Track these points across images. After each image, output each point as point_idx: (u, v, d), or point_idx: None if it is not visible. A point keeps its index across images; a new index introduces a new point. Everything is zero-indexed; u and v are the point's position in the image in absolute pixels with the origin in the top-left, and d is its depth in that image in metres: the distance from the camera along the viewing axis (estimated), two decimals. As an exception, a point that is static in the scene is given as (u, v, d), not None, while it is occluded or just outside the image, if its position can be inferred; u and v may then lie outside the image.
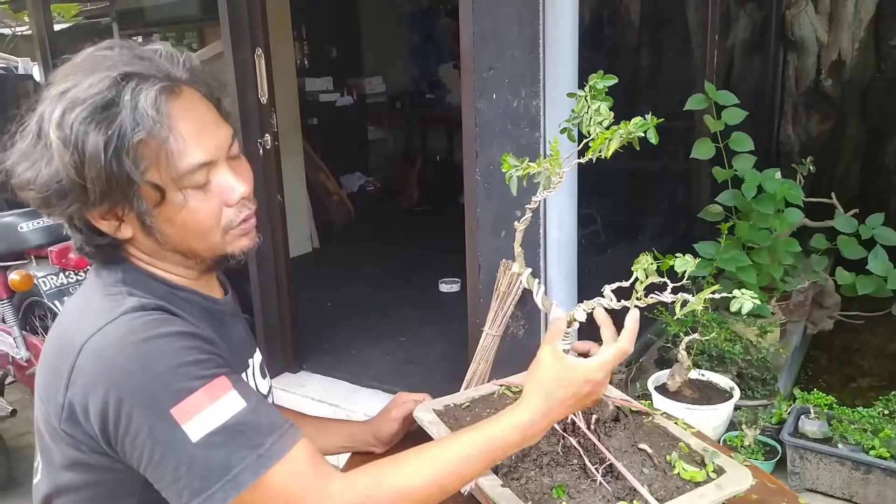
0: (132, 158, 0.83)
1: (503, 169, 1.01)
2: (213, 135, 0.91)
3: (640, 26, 2.85)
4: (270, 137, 2.86)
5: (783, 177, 2.66)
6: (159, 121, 0.83)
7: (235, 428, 0.81)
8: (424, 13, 6.65)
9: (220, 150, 0.91)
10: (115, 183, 0.84)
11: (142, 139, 0.83)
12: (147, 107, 0.83)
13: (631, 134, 0.94)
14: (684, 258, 0.99)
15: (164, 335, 0.84)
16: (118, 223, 0.90)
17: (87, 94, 0.82)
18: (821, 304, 3.08)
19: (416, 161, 6.33)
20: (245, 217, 0.95)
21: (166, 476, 0.81)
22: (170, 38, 5.73)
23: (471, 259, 2.24)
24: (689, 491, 0.95)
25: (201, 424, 0.80)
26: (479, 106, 2.08)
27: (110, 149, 0.82)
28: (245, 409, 0.83)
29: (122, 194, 0.85)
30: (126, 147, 0.82)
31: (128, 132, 0.82)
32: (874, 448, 1.84)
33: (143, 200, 0.87)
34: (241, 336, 1.09)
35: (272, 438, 0.82)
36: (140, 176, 0.84)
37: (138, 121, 0.82)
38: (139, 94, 0.83)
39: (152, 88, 0.84)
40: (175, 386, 0.81)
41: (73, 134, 0.81)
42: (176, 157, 0.86)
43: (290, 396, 2.92)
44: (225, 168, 0.92)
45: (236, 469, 0.79)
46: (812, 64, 4.49)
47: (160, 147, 0.84)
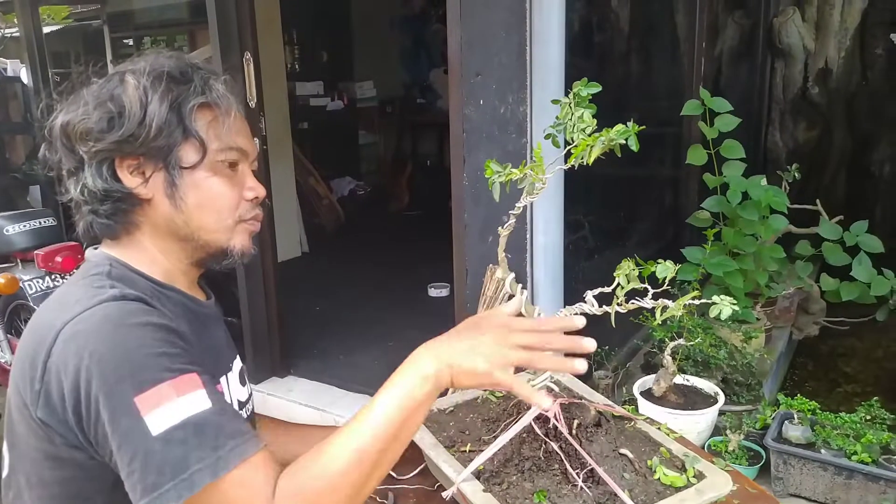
0: (191, 115, 0.94)
1: (486, 175, 1.02)
2: (250, 144, 1.03)
3: (628, 33, 2.86)
4: (259, 141, 2.86)
5: (770, 183, 2.68)
6: (226, 95, 0.97)
7: (198, 426, 0.79)
8: (416, 18, 6.67)
9: (252, 152, 1.04)
10: (168, 129, 0.92)
11: (206, 102, 0.95)
12: (214, 84, 0.97)
13: (612, 141, 0.95)
14: (665, 264, 1.00)
15: (140, 324, 0.84)
16: (143, 181, 0.95)
17: (164, 61, 0.96)
18: (806, 310, 3.10)
19: (406, 166, 6.34)
20: (255, 216, 1.04)
21: (123, 467, 0.79)
22: (160, 41, 5.72)
23: (458, 264, 2.25)
24: (669, 496, 0.96)
25: (163, 417, 0.78)
26: (467, 111, 2.09)
27: (177, 100, 0.93)
28: (210, 409, 0.81)
29: (166, 144, 0.93)
30: (189, 105, 0.94)
31: (196, 94, 0.94)
32: (856, 453, 1.85)
33: (181, 158, 0.94)
34: (222, 341, 1.09)
35: (234, 442, 0.80)
36: (193, 127, 0.94)
37: (205, 91, 0.95)
38: (209, 77, 0.97)
39: (220, 78, 0.99)
40: (142, 375, 0.80)
41: (149, 80, 0.93)
42: (226, 130, 0.97)
43: (277, 401, 2.92)
44: (248, 170, 1.03)
45: (193, 468, 0.77)
46: (799, 72, 4.53)
47: (215, 117, 0.96)
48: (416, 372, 0.87)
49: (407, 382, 0.87)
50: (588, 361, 0.88)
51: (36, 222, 3.20)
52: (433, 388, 0.86)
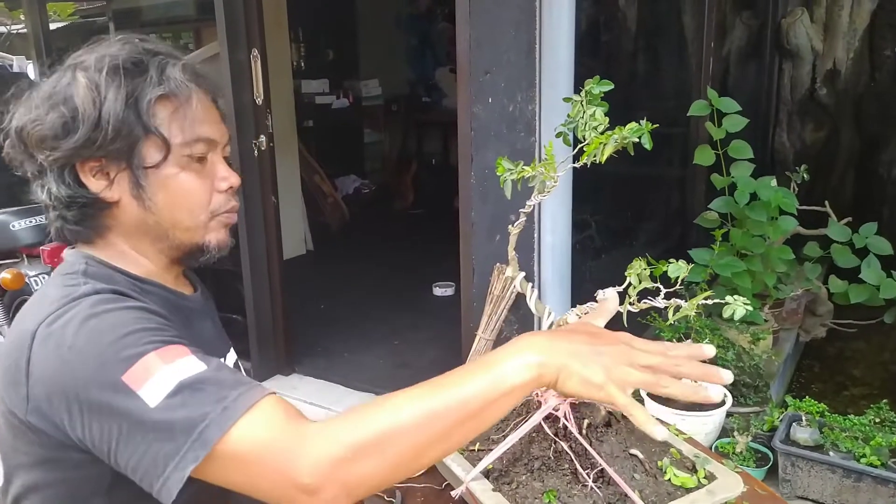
0: (149, 111, 0.88)
1: (498, 172, 1.01)
2: (219, 124, 0.97)
3: (636, 33, 2.85)
4: (265, 139, 2.86)
5: (777, 185, 2.67)
6: (184, 83, 0.90)
7: (194, 386, 0.76)
8: (422, 16, 6.66)
9: (222, 138, 0.97)
10: (126, 130, 0.87)
11: (164, 94, 0.88)
12: (174, 71, 0.90)
13: (625, 139, 0.94)
14: (677, 264, 0.99)
15: (113, 309, 0.82)
16: (108, 183, 0.91)
17: (117, 52, 0.89)
18: (813, 312, 3.09)
19: (411, 164, 6.33)
20: (231, 208, 0.98)
21: (137, 451, 0.76)
22: (166, 38, 5.72)
23: (465, 263, 2.24)
24: (679, 497, 0.95)
25: (157, 387, 0.75)
26: (475, 110, 2.08)
27: (133, 96, 0.87)
28: (205, 370, 0.78)
29: (127, 144, 0.88)
30: (148, 98, 0.88)
31: (151, 87, 0.88)
32: (865, 456, 1.84)
33: (144, 158, 0.89)
34: (209, 334, 1.06)
35: (237, 391, 0.77)
36: (153, 125, 0.88)
37: (163, 81, 0.89)
38: (167, 64, 0.91)
39: (178, 62, 0.92)
40: (124, 353, 0.77)
41: (100, 76, 0.87)
42: (189, 122, 0.91)
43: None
44: (220, 158, 0.97)
45: (201, 426, 0.74)
46: (807, 73, 4.50)
47: (176, 109, 0.90)
48: (519, 356, 0.77)
49: (506, 364, 0.76)
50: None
51: (41, 218, 3.21)
52: (532, 380, 0.76)
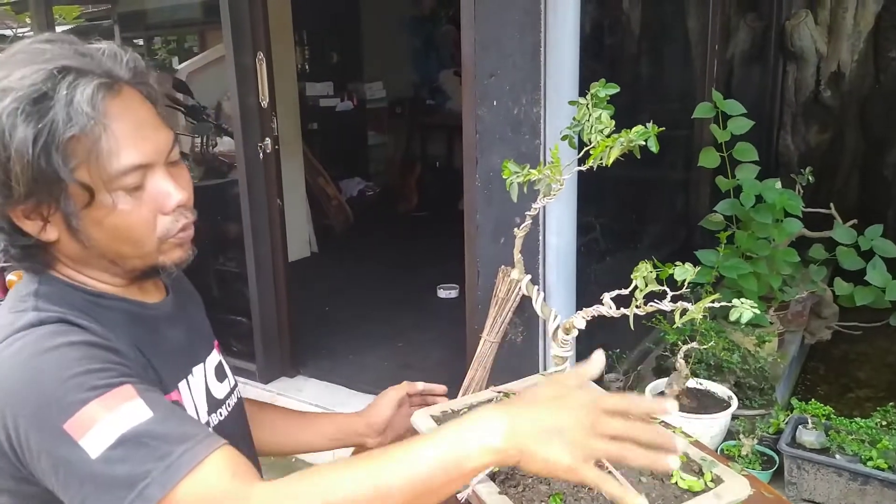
0: (62, 155, 0.78)
1: (504, 175, 1.01)
2: (152, 137, 0.86)
3: (640, 35, 2.85)
4: (271, 141, 2.87)
5: (782, 187, 2.67)
6: (94, 117, 0.79)
7: (137, 439, 0.73)
8: (426, 19, 6.67)
9: (159, 154, 0.87)
10: (42, 179, 0.79)
11: (74, 135, 0.78)
12: (82, 102, 0.78)
13: (632, 142, 0.95)
14: (684, 266, 0.99)
15: (56, 347, 0.78)
16: (43, 223, 0.84)
17: (18, 84, 0.78)
18: (819, 315, 3.08)
19: (415, 167, 6.34)
20: (182, 227, 0.91)
21: (74, 499, 0.74)
22: (171, 41, 5.73)
23: (470, 265, 2.24)
24: (686, 500, 0.95)
25: (99, 438, 0.72)
26: (480, 112, 2.09)
27: (39, 143, 0.77)
28: (151, 418, 0.75)
29: (48, 192, 0.80)
30: (56, 142, 0.78)
31: (59, 127, 0.77)
32: (872, 459, 1.83)
33: (71, 200, 0.82)
34: (179, 342, 1.00)
35: (182, 447, 0.74)
36: (69, 174, 0.79)
37: (72, 116, 0.78)
38: (75, 89, 0.79)
39: (90, 84, 0.79)
40: (66, 399, 0.74)
41: (0, 124, 0.77)
42: (108, 157, 0.81)
43: (286, 401, 2.92)
44: (162, 173, 0.88)
45: (142, 484, 0.71)
46: (811, 75, 4.50)
47: (92, 145, 0.80)
48: (479, 438, 0.72)
49: (465, 445, 0.72)
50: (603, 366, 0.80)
51: None
52: (491, 462, 0.73)
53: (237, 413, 1.10)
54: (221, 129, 3.80)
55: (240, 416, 1.12)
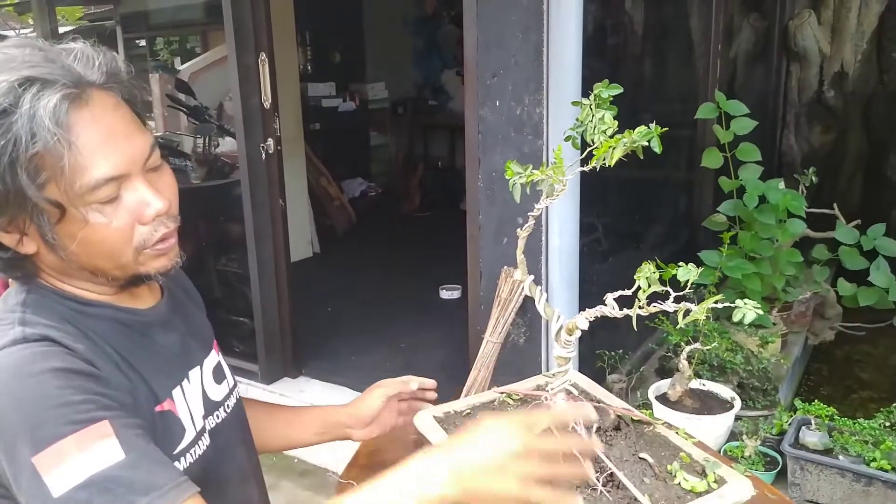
0: (28, 171, 0.76)
1: (507, 176, 1.01)
2: (125, 146, 0.82)
3: (643, 35, 2.85)
4: (273, 142, 2.87)
5: (785, 187, 2.66)
6: (57, 133, 0.75)
7: (103, 484, 0.71)
8: (428, 20, 6.67)
9: (133, 163, 0.83)
10: (11, 196, 0.77)
11: (38, 152, 0.75)
12: (45, 117, 0.75)
13: (635, 143, 0.94)
14: (687, 267, 0.99)
15: (38, 373, 0.76)
16: (20, 236, 0.82)
17: None
18: (822, 315, 3.08)
19: (417, 167, 6.34)
20: (163, 236, 0.87)
21: None
22: (173, 42, 5.74)
23: (472, 266, 2.24)
24: (690, 501, 0.95)
25: (65, 477, 0.70)
26: (483, 113, 2.08)
27: (3, 160, 0.75)
28: (121, 462, 0.73)
29: (19, 208, 0.78)
30: (20, 160, 0.75)
31: (23, 144, 0.75)
32: (875, 460, 1.83)
33: (44, 215, 0.79)
34: (174, 347, 0.98)
35: (146, 499, 0.72)
36: (36, 191, 0.77)
37: (35, 132, 0.75)
38: (38, 102, 0.75)
39: (54, 96, 0.76)
40: (41, 432, 0.72)
41: None
42: (76, 171, 0.77)
43: (288, 402, 2.92)
44: (140, 181, 0.84)
45: None
46: (814, 75, 4.49)
47: (57, 162, 0.76)
48: (419, 489, 0.73)
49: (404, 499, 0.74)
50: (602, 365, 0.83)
51: None
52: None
53: (236, 414, 1.09)
54: (223, 129, 3.79)
55: (239, 417, 1.11)
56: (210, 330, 1.12)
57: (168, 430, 0.90)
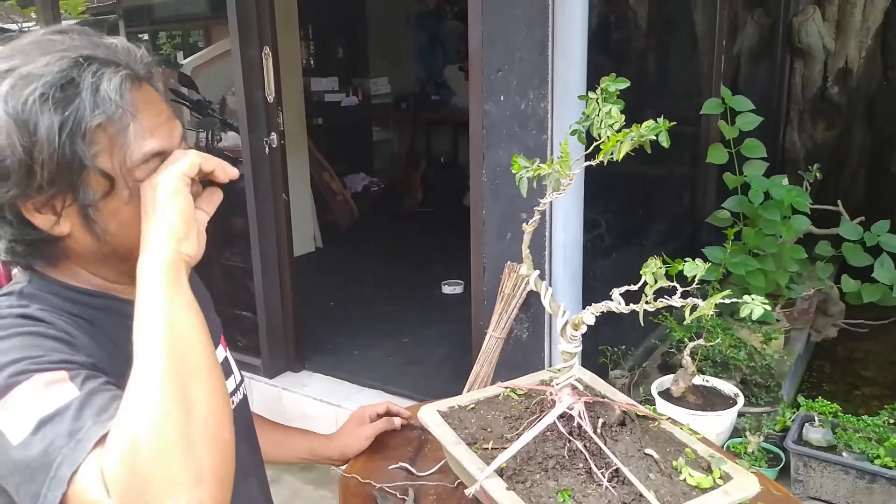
0: (86, 142, 0.78)
1: (514, 170, 1.00)
2: (170, 126, 0.86)
3: (647, 31, 2.84)
4: (277, 136, 2.86)
5: (789, 184, 2.66)
6: (122, 106, 0.79)
7: (55, 418, 0.70)
8: (431, 14, 6.65)
9: (175, 143, 0.86)
10: (66, 168, 0.77)
11: (101, 123, 0.78)
12: (110, 91, 0.78)
13: (643, 137, 0.94)
14: (694, 263, 0.99)
15: (3, 337, 0.76)
16: (56, 217, 0.81)
17: (42, 70, 0.76)
18: (825, 312, 3.07)
19: (420, 162, 6.33)
20: None
21: (9, 486, 0.72)
22: (176, 36, 5.74)
23: (476, 261, 2.24)
24: (695, 497, 0.94)
25: (21, 423, 0.70)
26: (487, 108, 2.08)
27: (66, 130, 0.76)
28: (74, 397, 0.71)
29: (68, 182, 0.79)
30: (83, 130, 0.77)
31: (86, 114, 0.77)
32: (879, 457, 1.83)
33: (90, 190, 0.80)
34: None
35: (92, 421, 0.70)
36: (92, 161, 0.78)
37: (99, 104, 0.78)
38: (101, 78, 0.78)
39: (116, 74, 0.80)
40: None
41: (25, 111, 0.75)
42: (132, 144, 0.81)
43: (291, 395, 2.92)
44: None
45: (56, 462, 0.67)
46: (818, 71, 4.48)
47: (118, 133, 0.80)
48: None
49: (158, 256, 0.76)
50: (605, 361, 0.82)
51: None
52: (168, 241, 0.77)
53: (241, 410, 1.09)
54: (226, 123, 3.79)
55: (243, 414, 1.11)
56: (218, 325, 1.12)
57: None
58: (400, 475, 1.18)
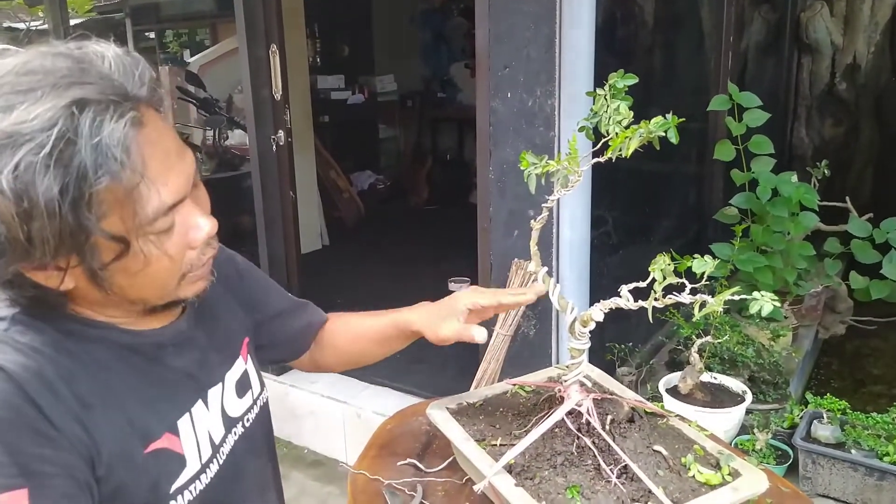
0: (92, 209, 0.67)
1: (522, 167, 1.00)
2: (180, 167, 0.75)
3: (654, 27, 2.83)
4: (284, 134, 2.87)
5: (797, 180, 2.65)
6: (128, 164, 0.67)
7: None
8: (437, 12, 6.65)
9: (188, 185, 0.76)
10: (69, 237, 0.67)
11: (106, 186, 0.67)
12: (112, 146, 0.66)
13: (651, 133, 0.94)
14: (703, 259, 0.99)
15: None
16: (61, 275, 0.72)
17: (30, 127, 0.64)
18: (833, 309, 3.06)
19: (426, 160, 6.34)
20: (207, 260, 0.83)
21: None
22: (183, 34, 5.75)
23: (483, 258, 2.24)
24: (704, 494, 0.94)
25: None
26: (494, 105, 2.08)
27: (66, 199, 0.65)
28: None
29: (74, 248, 0.69)
30: (86, 197, 0.66)
31: (88, 177, 0.65)
32: (888, 454, 1.82)
33: (99, 253, 0.71)
34: (188, 368, 0.90)
35: None
36: (98, 226, 0.68)
37: (101, 163, 0.66)
38: (100, 128, 0.66)
39: (118, 121, 0.67)
40: None
41: (17, 180, 0.63)
42: (144, 203, 0.70)
43: (299, 392, 2.93)
44: (190, 205, 0.77)
45: None
46: (826, 67, 4.46)
47: (126, 194, 0.69)
48: None
49: None
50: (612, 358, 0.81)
51: None
52: None
53: (260, 422, 1.05)
54: (233, 121, 3.80)
55: (263, 426, 1.07)
56: (242, 327, 1.06)
57: (162, 469, 0.82)
58: (408, 471, 1.18)
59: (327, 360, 1.29)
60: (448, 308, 1.14)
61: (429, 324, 1.14)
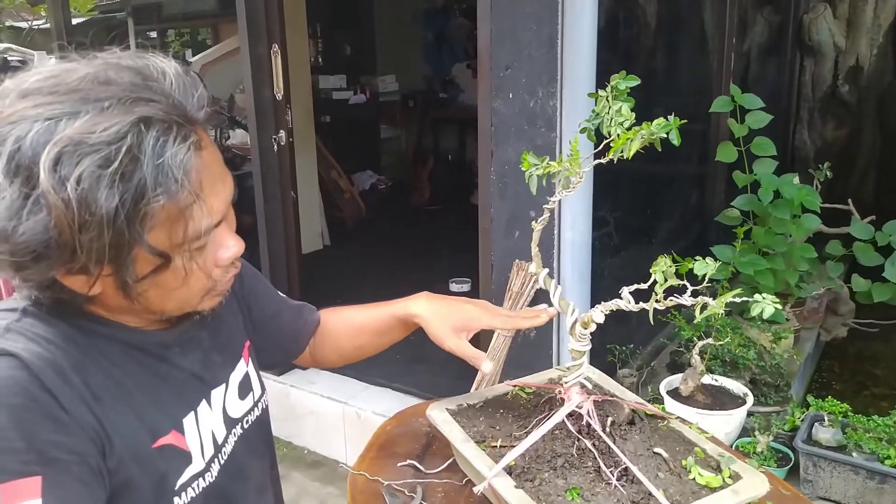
0: (143, 223, 0.68)
1: (523, 168, 1.00)
2: (224, 192, 0.78)
3: (656, 28, 2.83)
4: (285, 134, 2.87)
5: (799, 182, 2.64)
6: (187, 187, 0.70)
7: None
8: (439, 12, 6.65)
9: (228, 206, 0.80)
10: (115, 249, 0.68)
11: (161, 204, 0.68)
12: (174, 167, 0.68)
13: (653, 135, 0.93)
14: (704, 261, 0.98)
15: None
16: (93, 280, 0.73)
17: (98, 139, 0.65)
18: (835, 312, 3.06)
19: (427, 160, 6.33)
20: (230, 278, 0.85)
21: None
22: (185, 34, 5.75)
23: (484, 258, 2.24)
24: (704, 496, 0.94)
25: None
26: (496, 105, 2.07)
27: (123, 213, 0.66)
28: None
29: (116, 259, 0.70)
30: (141, 212, 0.67)
31: (147, 193, 0.67)
32: (890, 458, 1.82)
33: (136, 266, 0.72)
34: (193, 368, 0.91)
35: None
36: (146, 242, 0.70)
37: (161, 182, 0.67)
38: (164, 149, 0.68)
39: (181, 144, 0.69)
40: None
41: (78, 187, 0.64)
42: (194, 223, 0.73)
43: (299, 393, 2.93)
44: (224, 225, 0.81)
45: None
46: (829, 69, 4.46)
47: (179, 213, 0.71)
48: None
49: None
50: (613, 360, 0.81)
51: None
52: None
53: (260, 425, 1.06)
54: (234, 121, 3.81)
55: (263, 428, 1.07)
56: (244, 330, 1.07)
57: (169, 464, 0.84)
58: (408, 472, 1.18)
59: (328, 355, 1.29)
60: (459, 318, 1.14)
61: (434, 324, 1.14)
